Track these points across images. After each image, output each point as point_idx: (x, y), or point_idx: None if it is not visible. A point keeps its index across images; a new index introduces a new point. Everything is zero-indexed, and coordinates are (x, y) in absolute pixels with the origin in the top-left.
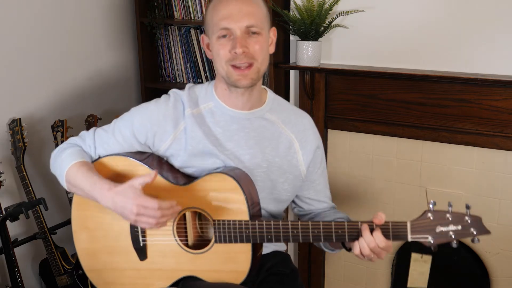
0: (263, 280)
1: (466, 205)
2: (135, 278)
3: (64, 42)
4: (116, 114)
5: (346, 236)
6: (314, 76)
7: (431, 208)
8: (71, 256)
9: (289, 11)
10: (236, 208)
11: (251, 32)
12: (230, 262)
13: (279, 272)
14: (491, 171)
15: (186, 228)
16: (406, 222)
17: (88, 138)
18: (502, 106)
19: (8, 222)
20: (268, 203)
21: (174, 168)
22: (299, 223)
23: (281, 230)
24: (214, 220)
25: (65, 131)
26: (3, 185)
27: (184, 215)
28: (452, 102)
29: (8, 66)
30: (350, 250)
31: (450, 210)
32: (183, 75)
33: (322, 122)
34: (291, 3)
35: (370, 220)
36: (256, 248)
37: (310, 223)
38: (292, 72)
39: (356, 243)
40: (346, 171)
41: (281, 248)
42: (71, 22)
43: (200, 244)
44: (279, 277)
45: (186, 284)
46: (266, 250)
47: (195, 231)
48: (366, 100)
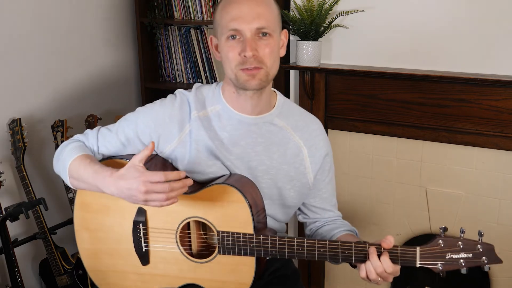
0: (266, 283)
1: (479, 232)
2: (137, 282)
3: (64, 42)
4: (116, 114)
5: (353, 258)
6: (314, 76)
7: (441, 234)
8: (71, 256)
9: (289, 11)
10: (240, 220)
11: (261, 34)
12: (233, 273)
13: (282, 275)
14: (491, 171)
15: (190, 236)
16: (416, 248)
17: (92, 137)
18: (502, 106)
19: (8, 222)
20: (275, 209)
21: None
22: (305, 240)
23: (286, 246)
24: (218, 231)
25: (65, 131)
26: (3, 185)
27: (188, 223)
28: (452, 102)
29: (8, 66)
30: (355, 267)
31: (462, 236)
32: (183, 75)
33: (322, 122)
34: (291, 3)
35: (378, 243)
36: (260, 261)
37: (316, 241)
38: (292, 72)
39: (362, 267)
40: (346, 171)
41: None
42: (71, 22)
43: (204, 251)
44: (281, 279)
45: None
46: None
47: (199, 240)
48: (366, 100)
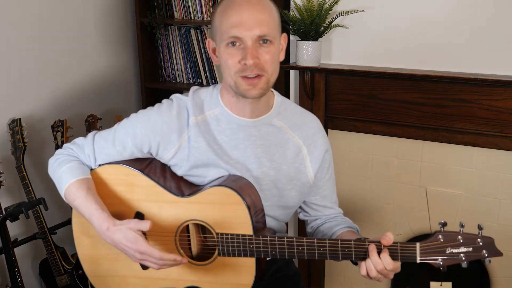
0: (267, 284)
1: (478, 225)
2: (138, 286)
3: (64, 42)
4: (116, 114)
5: (353, 256)
6: (314, 76)
7: (441, 229)
8: (71, 256)
9: (289, 11)
10: (239, 222)
11: (262, 41)
12: (233, 275)
13: (283, 276)
14: (491, 171)
15: (189, 239)
16: (415, 244)
17: (87, 148)
18: (502, 106)
19: (8, 222)
20: (275, 210)
21: (176, 177)
22: (304, 239)
23: (285, 246)
24: (217, 234)
25: (65, 131)
26: (3, 185)
27: (187, 226)
28: (452, 102)
29: (8, 66)
30: (356, 264)
31: (461, 231)
32: (183, 75)
33: (322, 122)
34: (291, 3)
35: (378, 240)
36: (260, 262)
37: (315, 240)
38: (292, 72)
39: (363, 264)
40: (346, 171)
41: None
42: (71, 22)
43: (204, 253)
44: (282, 280)
45: None
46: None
47: (199, 243)
48: (366, 100)
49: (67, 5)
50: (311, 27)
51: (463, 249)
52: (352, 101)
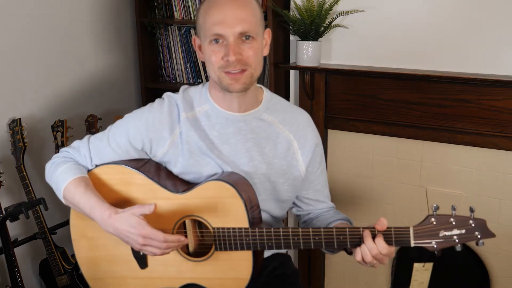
0: (266, 282)
1: (470, 208)
2: (136, 286)
3: (64, 42)
4: (116, 114)
5: (348, 243)
6: (314, 76)
7: (434, 213)
8: (71, 256)
9: (289, 11)
10: (235, 215)
11: (244, 37)
12: (231, 269)
13: (281, 274)
14: (491, 171)
15: (186, 235)
16: (409, 228)
17: (83, 149)
18: (502, 106)
19: (8, 222)
20: (269, 204)
21: (172, 175)
22: (299, 229)
23: (281, 237)
24: (214, 228)
25: (65, 131)
26: (3, 185)
27: (184, 223)
28: (452, 102)
29: (8, 66)
30: (351, 253)
31: (453, 213)
32: (183, 75)
33: (322, 122)
34: (291, 3)
35: (372, 226)
36: (257, 255)
37: (311, 229)
38: (292, 72)
39: (358, 250)
40: (346, 171)
41: (282, 250)
42: (71, 22)
43: (201, 251)
44: (280, 278)
45: None
46: (267, 253)
47: (195, 239)
48: (366, 100)
49: (67, 5)
50: (311, 27)
51: (456, 231)
52: (352, 101)
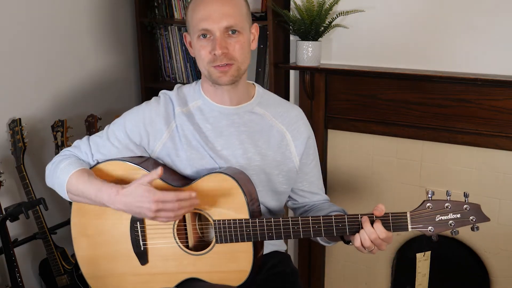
0: (264, 279)
1: (464, 193)
2: (136, 283)
3: (64, 42)
4: (116, 114)
5: (347, 230)
6: (314, 76)
7: (429, 198)
8: (71, 256)
9: (289, 11)
10: (236, 207)
11: (230, 32)
12: (232, 262)
13: (280, 272)
14: (491, 171)
15: (186, 230)
16: (406, 213)
17: (83, 146)
18: (502, 106)
19: (8, 222)
20: (266, 196)
21: (171, 170)
22: (299, 218)
23: (281, 226)
24: (214, 220)
25: (65, 131)
26: (3, 185)
27: (184, 217)
28: (452, 102)
29: (8, 66)
30: (348, 243)
31: (448, 199)
32: (183, 75)
33: (322, 122)
34: (291, 3)
35: (370, 213)
36: (257, 247)
37: (310, 218)
38: (292, 72)
39: (357, 236)
40: (346, 171)
41: (281, 248)
42: (71, 22)
43: (200, 246)
44: (280, 276)
45: (187, 286)
46: (266, 250)
47: (195, 233)
48: (366, 100)
49: (67, 5)
50: (311, 27)
51: (451, 215)
52: (352, 101)
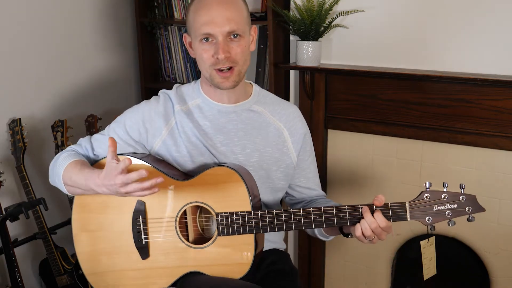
0: (264, 276)
1: (460, 184)
2: (136, 279)
3: (64, 42)
4: (116, 114)
5: (348, 220)
6: (314, 76)
7: (427, 189)
8: (71, 256)
9: (289, 11)
10: (238, 200)
11: (232, 36)
12: (233, 255)
13: (280, 269)
14: (491, 171)
15: (187, 225)
16: (405, 203)
17: (85, 142)
18: (502, 106)
19: (8, 222)
20: (264, 193)
21: (171, 166)
22: (301, 210)
23: (283, 217)
24: (217, 213)
25: (65, 131)
26: (3, 185)
27: (185, 211)
28: (452, 102)
29: (8, 66)
30: (347, 235)
31: (445, 189)
32: (183, 75)
33: (322, 122)
34: (291, 3)
35: (370, 203)
36: (258, 240)
37: (311, 209)
38: (292, 72)
39: (357, 225)
40: (346, 171)
41: (280, 246)
42: (71, 22)
43: (200, 242)
44: (279, 274)
45: (186, 280)
46: (265, 247)
47: (195, 228)
48: (366, 100)
49: (67, 5)
50: (311, 27)
51: (448, 206)
52: (352, 101)
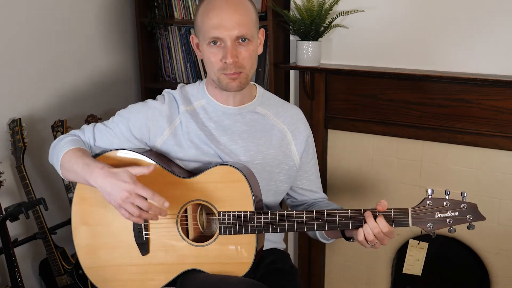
0: (263, 275)
1: (461, 192)
2: (135, 274)
3: (64, 42)
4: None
5: (350, 224)
6: (314, 76)
7: (429, 196)
8: (71, 256)
9: (289, 11)
10: (241, 199)
11: (241, 40)
12: (234, 254)
13: (280, 268)
14: (491, 171)
15: (187, 222)
16: (407, 209)
17: (88, 131)
18: (502, 106)
19: (8, 222)
20: (265, 195)
21: (174, 163)
22: (303, 212)
23: (285, 219)
24: (219, 212)
25: (65, 131)
26: (3, 185)
27: (186, 209)
28: (452, 102)
29: (8, 66)
30: (349, 239)
31: (447, 197)
32: (183, 75)
33: (322, 122)
34: (291, 3)
35: (373, 208)
36: (259, 240)
37: (314, 211)
38: (292, 72)
39: (360, 230)
40: (346, 171)
41: (280, 246)
42: (71, 22)
43: (201, 239)
44: (279, 273)
45: (186, 277)
46: (265, 247)
47: (196, 226)
48: (366, 100)
49: (67, 5)
50: (311, 27)
51: (450, 213)
52: (352, 101)
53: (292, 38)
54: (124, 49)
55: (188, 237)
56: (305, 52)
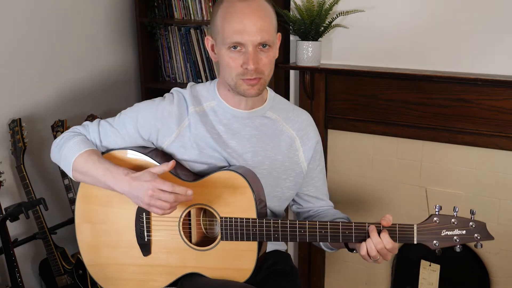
0: (264, 277)
1: (471, 210)
2: (136, 274)
3: (64, 42)
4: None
5: (353, 237)
6: (314, 76)
7: (437, 212)
8: (71, 256)
9: (289, 11)
10: (244, 206)
11: (262, 46)
12: (235, 260)
13: (281, 270)
14: (491, 171)
15: (190, 225)
16: (413, 225)
17: (92, 130)
18: (502, 106)
19: (8, 222)
20: (271, 201)
21: (180, 165)
22: (306, 222)
23: (288, 229)
24: (222, 217)
25: (65, 131)
26: (3, 185)
27: (189, 212)
28: (452, 102)
29: (8, 66)
30: (352, 251)
31: (455, 214)
32: (183, 75)
33: (322, 122)
34: (291, 3)
35: (377, 222)
36: (261, 246)
37: (317, 222)
38: (292, 72)
39: (363, 244)
40: (346, 171)
41: (281, 247)
42: (71, 22)
43: (203, 242)
44: (280, 275)
45: (187, 280)
46: (267, 249)
47: (199, 229)
48: (366, 100)
49: (67, 5)
50: (311, 27)
51: (457, 231)
52: (352, 101)
53: (292, 38)
54: (124, 49)
55: (190, 239)
56: (305, 52)
